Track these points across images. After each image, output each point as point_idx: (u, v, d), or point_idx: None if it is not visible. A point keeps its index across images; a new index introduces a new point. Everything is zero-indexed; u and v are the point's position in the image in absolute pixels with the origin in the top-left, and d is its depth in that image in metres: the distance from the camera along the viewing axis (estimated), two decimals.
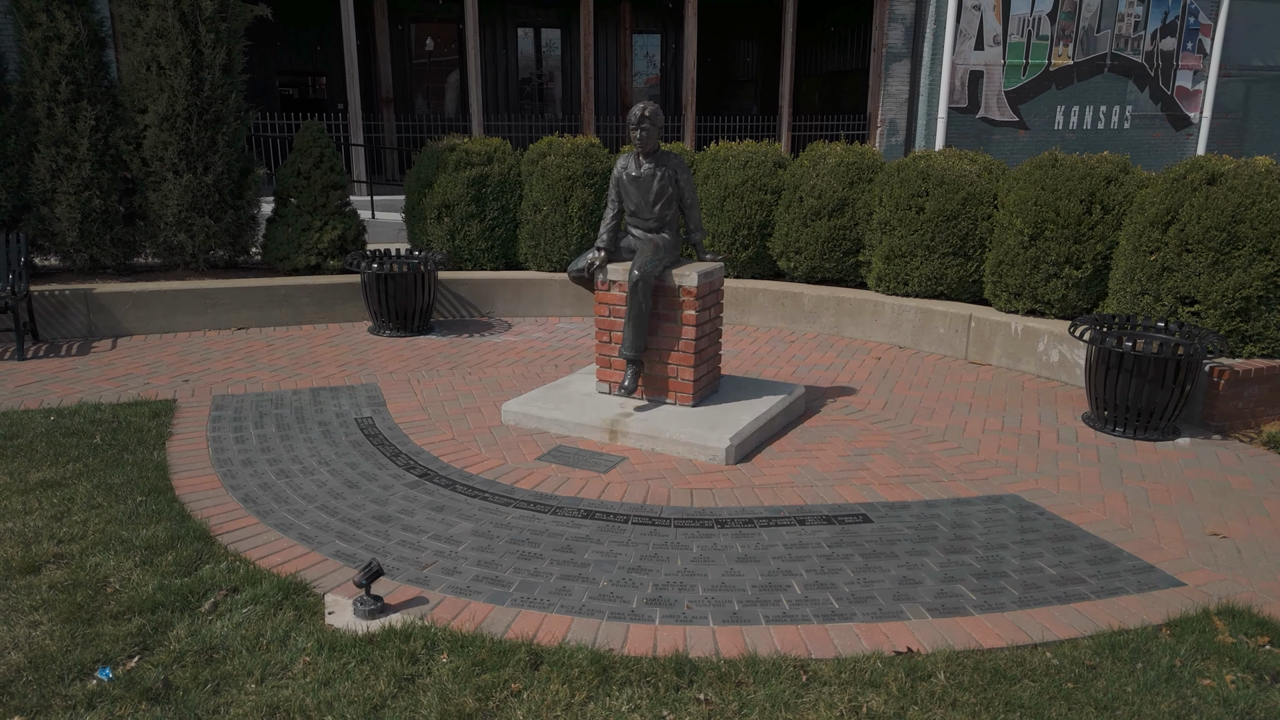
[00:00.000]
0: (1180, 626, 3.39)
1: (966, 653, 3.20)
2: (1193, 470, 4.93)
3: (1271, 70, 19.28)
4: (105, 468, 4.57)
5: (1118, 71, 17.98)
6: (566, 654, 3.11)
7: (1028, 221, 6.61)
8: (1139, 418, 5.45)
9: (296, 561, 3.73)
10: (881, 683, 3.00)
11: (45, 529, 3.92)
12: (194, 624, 3.26)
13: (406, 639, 3.17)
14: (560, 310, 8.22)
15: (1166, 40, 18.32)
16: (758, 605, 3.47)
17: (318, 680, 2.96)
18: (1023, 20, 17.09)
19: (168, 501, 4.21)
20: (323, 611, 3.38)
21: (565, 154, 8.17)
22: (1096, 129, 18.05)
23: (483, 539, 3.95)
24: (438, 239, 8.22)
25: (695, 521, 4.15)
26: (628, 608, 3.44)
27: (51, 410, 5.39)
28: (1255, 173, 5.77)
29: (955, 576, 3.72)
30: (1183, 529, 4.22)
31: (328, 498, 4.33)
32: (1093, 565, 3.85)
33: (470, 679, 2.98)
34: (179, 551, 3.75)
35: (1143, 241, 6.05)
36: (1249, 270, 5.62)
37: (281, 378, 6.19)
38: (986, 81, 17.09)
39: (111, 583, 3.52)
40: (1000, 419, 5.68)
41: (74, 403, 5.56)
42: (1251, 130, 19.30)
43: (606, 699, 2.90)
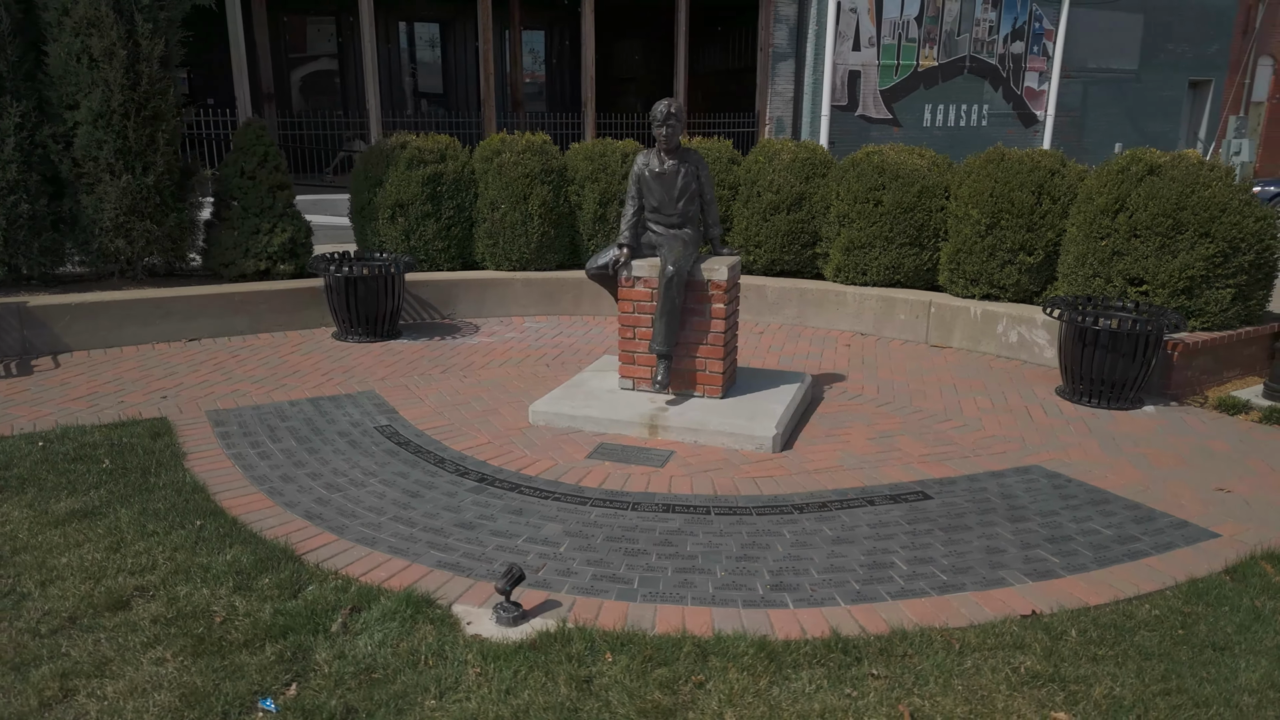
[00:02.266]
0: (1238, 572, 3.78)
1: (1079, 611, 3.47)
2: (1174, 436, 5.44)
3: (1105, 72, 21.12)
4: (136, 493, 4.24)
5: (976, 73, 19.23)
6: (729, 643, 3.17)
7: (985, 212, 7.07)
8: (1111, 389, 5.96)
9: (402, 575, 3.60)
10: (1025, 644, 3.22)
11: (108, 562, 3.62)
12: (335, 645, 3.11)
13: (567, 642, 3.14)
14: (524, 310, 8.13)
15: (1016, 44, 19.74)
16: (875, 583, 3.63)
17: (498, 691, 2.90)
18: (894, 24, 18.02)
19: (229, 524, 3.96)
20: (459, 622, 3.30)
21: (520, 151, 8.08)
22: (959, 126, 19.27)
23: (579, 539, 3.93)
24: (391, 240, 7.97)
25: (773, 509, 4.27)
26: (756, 595, 3.52)
27: (35, 436, 4.92)
28: (1190, 165, 6.40)
29: (1031, 543, 4.00)
30: (1192, 488, 4.67)
31: (396, 509, 4.18)
32: (1138, 524, 4.22)
33: (646, 675, 3.00)
34: (274, 574, 3.55)
35: (1094, 228, 6.60)
36: (1192, 252, 6.24)
37: (269, 389, 5.87)
38: (864, 81, 17.93)
39: (217, 611, 3.30)
40: (987, 398, 6.08)
41: (50, 426, 5.10)
42: (1089, 126, 21.10)
43: (788, 682, 2.99)
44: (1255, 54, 24.22)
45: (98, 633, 3.16)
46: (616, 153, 8.24)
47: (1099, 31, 20.73)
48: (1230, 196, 6.23)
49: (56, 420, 5.21)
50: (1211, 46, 23.05)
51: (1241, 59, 24.02)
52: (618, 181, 8.17)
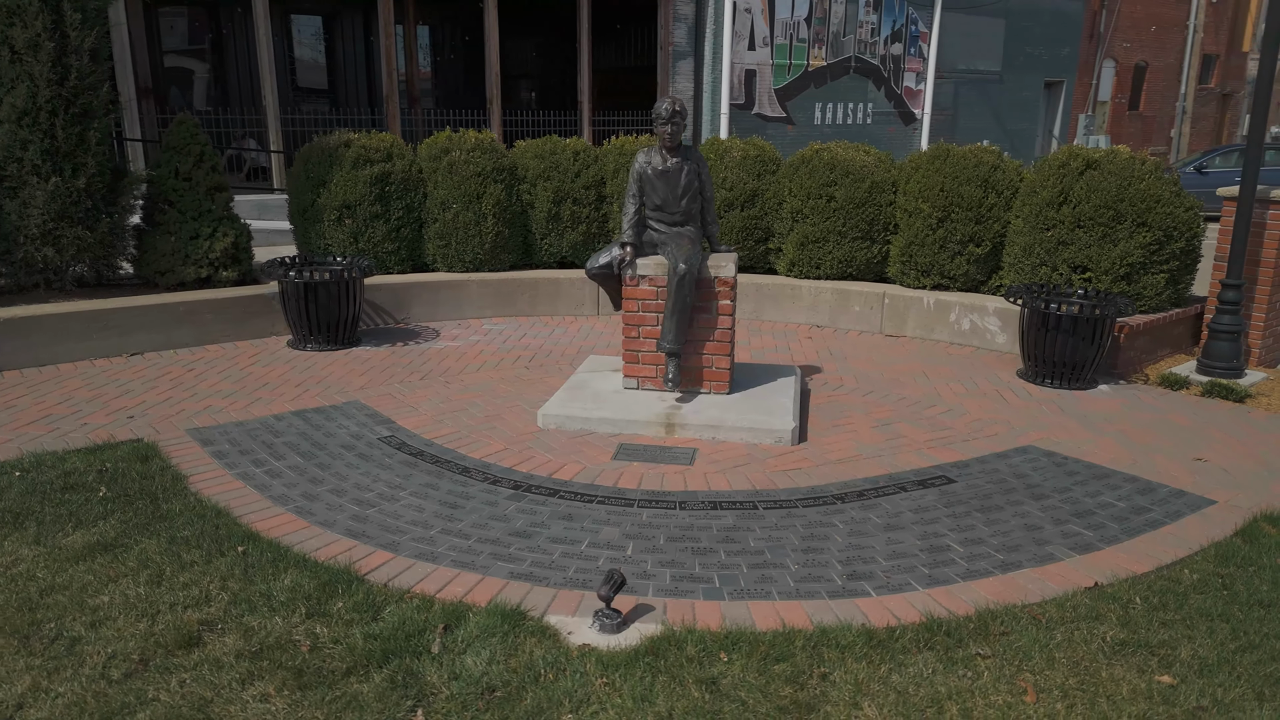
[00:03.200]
0: (1247, 535, 4.11)
1: (1131, 580, 3.69)
2: (1137, 413, 5.85)
3: (973, 73, 22.34)
4: (152, 522, 3.93)
5: (860, 73, 19.99)
6: (835, 634, 3.22)
7: (936, 206, 7.39)
8: (1069, 370, 6.34)
9: (479, 589, 3.49)
10: (1100, 615, 3.41)
11: (155, 596, 3.35)
12: (443, 666, 2.99)
13: (680, 645, 3.12)
14: (480, 312, 7.95)
15: (895, 46, 20.62)
16: (940, 566, 3.76)
17: (633, 700, 2.85)
18: (785, 24, 18.51)
19: (271, 547, 3.73)
20: (559, 633, 3.22)
21: (469, 149, 7.90)
22: (847, 124, 19.99)
23: (642, 541, 3.90)
24: (338, 242, 7.63)
25: (815, 500, 4.35)
26: (837, 585, 3.59)
27: (7, 465, 4.47)
28: (1125, 159, 6.88)
29: (1060, 519, 4.23)
30: (1173, 459, 5.04)
31: (442, 521, 4.03)
32: (1144, 496, 4.52)
33: (768, 672, 3.01)
34: (345, 597, 3.37)
35: (1040, 220, 7.00)
36: (1131, 241, 6.71)
37: (244, 404, 5.54)
38: (759, 80, 18.34)
39: (301, 640, 3.11)
40: (959, 384, 6.36)
41: (16, 454, 4.65)
42: (961, 124, 22.27)
43: (904, 668, 3.06)
44: (1101, 57, 26.15)
45: (179, 673, 2.92)
46: (567, 151, 8.17)
47: (967, 35, 21.91)
48: (1162, 189, 6.73)
49: (19, 447, 4.76)
50: (1063, 50, 24.74)
51: (1089, 61, 25.87)
52: (570, 180, 8.09)
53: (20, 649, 3.03)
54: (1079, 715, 2.84)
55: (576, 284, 8.08)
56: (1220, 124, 32.01)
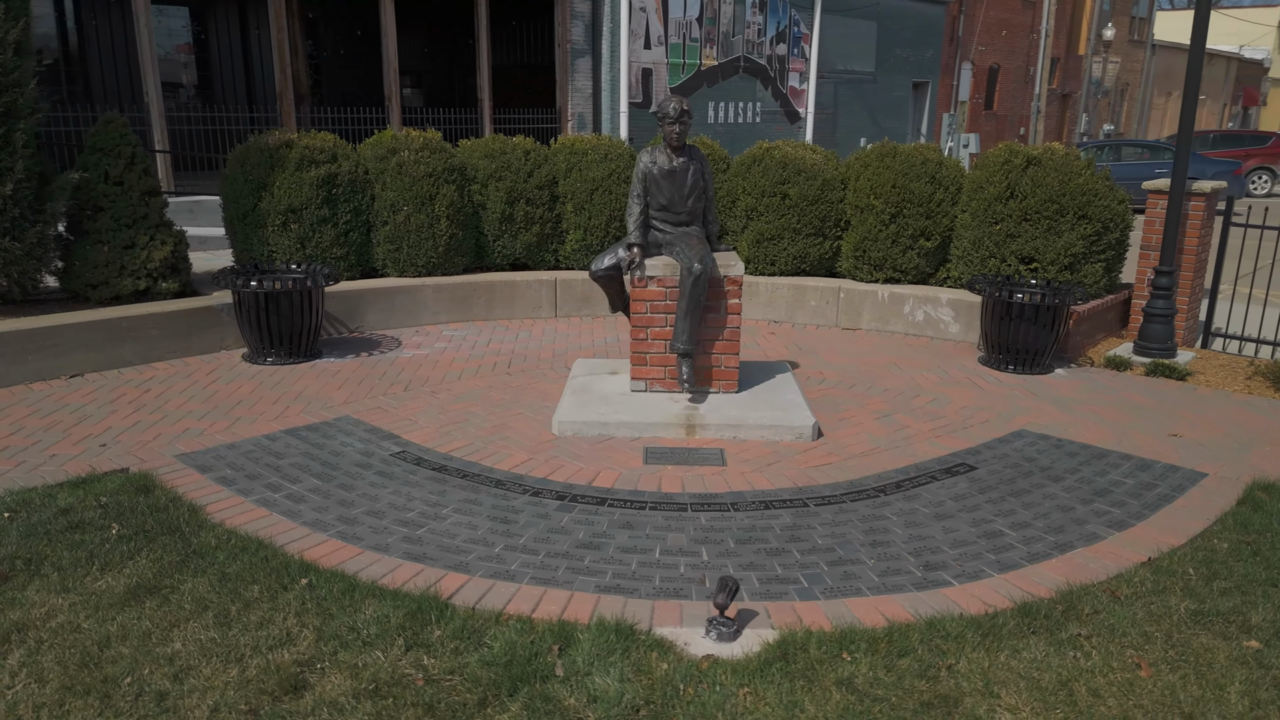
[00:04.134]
0: (1248, 503, 4.44)
1: (1174, 553, 3.93)
2: (1100, 394, 6.22)
3: (849, 74, 23.19)
4: (189, 558, 3.60)
5: (749, 73, 20.42)
6: (942, 625, 3.29)
7: (889, 202, 7.63)
8: (1029, 356, 6.68)
9: (575, 606, 3.37)
10: (1164, 588, 3.61)
11: (232, 640, 3.07)
12: (575, 689, 2.87)
13: (804, 649, 3.11)
14: (436, 318, 7.67)
15: (780, 46, 21.18)
16: (1002, 551, 3.89)
17: (784, 707, 2.83)
18: (679, 24, 18.70)
19: (337, 578, 3.49)
20: (674, 645, 3.16)
21: (418, 149, 7.61)
22: (738, 123, 20.40)
23: (713, 545, 3.87)
24: (283, 249, 7.20)
25: (860, 494, 4.42)
26: (917, 577, 3.66)
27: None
28: (1062, 155, 7.30)
29: (1085, 499, 4.45)
30: (1152, 436, 5.39)
31: (503, 538, 3.88)
32: (1145, 472, 4.82)
33: (896, 668, 3.05)
34: (441, 625, 3.19)
35: (989, 214, 7.35)
36: (1073, 232, 7.13)
37: (225, 425, 5.16)
38: (655, 79, 18.46)
39: (412, 674, 2.93)
40: (932, 373, 6.60)
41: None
42: (841, 123, 23.11)
43: (1020, 654, 3.16)
44: (960, 60, 27.64)
45: None
46: (518, 150, 7.99)
47: (843, 37, 22.73)
48: (1098, 183, 7.18)
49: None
50: (928, 52, 26.02)
51: (950, 64, 27.30)
52: (522, 180, 7.92)
53: (103, 709, 2.72)
54: (1194, 685, 3.00)
55: (533, 286, 7.92)
56: (1062, 122, 34.40)
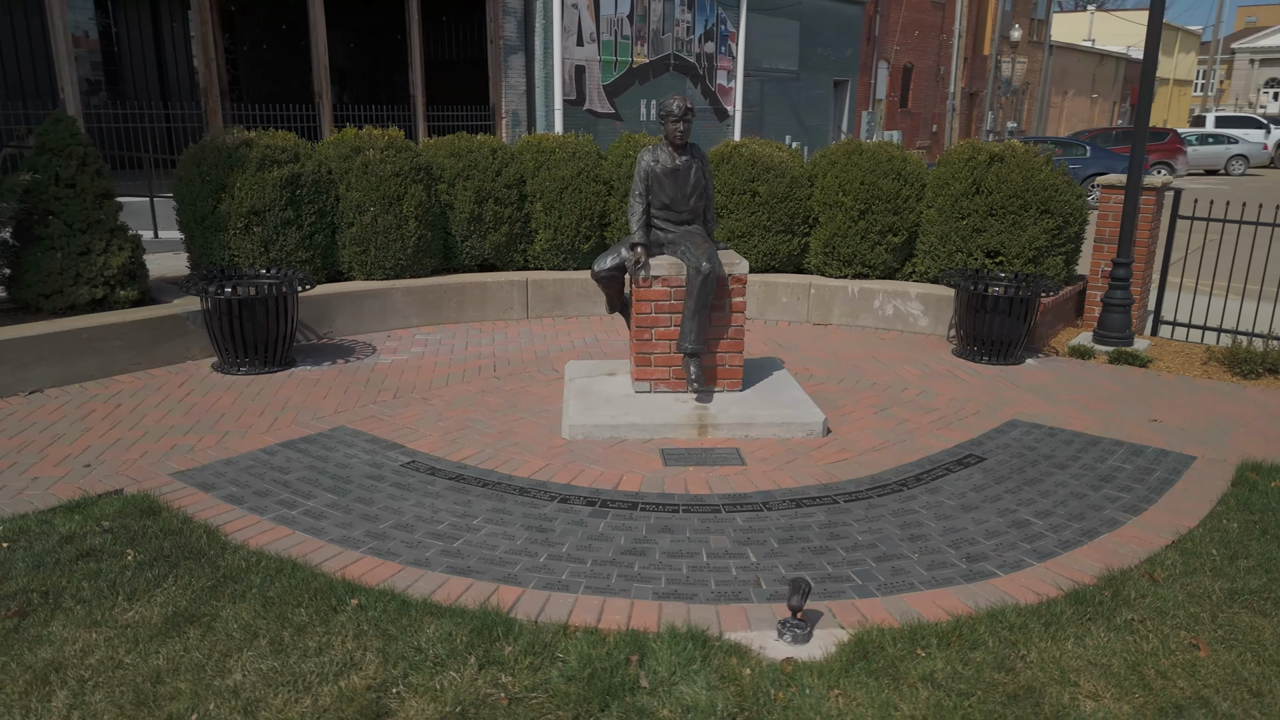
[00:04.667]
0: (1245, 484, 4.64)
1: (1191, 534, 4.08)
2: (1074, 383, 6.43)
3: (774, 72, 23.52)
4: (222, 583, 3.41)
5: (679, 70, 20.50)
6: (1002, 616, 3.34)
7: (858, 199, 7.75)
8: (1003, 348, 6.87)
9: (640, 615, 3.32)
10: (1195, 569, 3.75)
11: (293, 667, 2.91)
12: (668, 699, 2.82)
13: (881, 647, 3.12)
14: (406, 321, 7.45)
15: (708, 45, 21.33)
16: (1035, 540, 3.98)
17: (879, 706, 2.83)
18: (610, 21, 18.65)
19: (388, 597, 3.34)
20: (749, 650, 3.13)
21: (383, 148, 7.38)
22: None
23: (757, 546, 3.85)
24: (245, 253, 6.89)
25: (882, 489, 4.47)
26: (963, 569, 3.72)
27: None
28: (1023, 152, 7.53)
29: (1093, 485, 4.59)
30: (1134, 423, 5.60)
31: (542, 547, 3.78)
32: (1140, 458, 5.00)
33: (972, 661, 3.08)
34: (511, 642, 3.09)
35: (955, 209, 7.53)
36: (1037, 226, 7.36)
37: (216, 439, 4.91)
38: (588, 76, 18.39)
39: (493, 693, 2.83)
40: (912, 366, 6.72)
41: None
42: (767, 120, 23.41)
43: (1084, 640, 3.23)
44: (876, 59, 28.31)
45: None
46: (484, 148, 7.82)
47: (768, 36, 23.03)
48: (1057, 179, 7.43)
49: None
50: (847, 51, 26.57)
51: (868, 63, 27.94)
52: (491, 179, 7.76)
53: None
54: (1252, 662, 3.11)
55: (504, 287, 7.77)
56: (969, 120, 35.56)
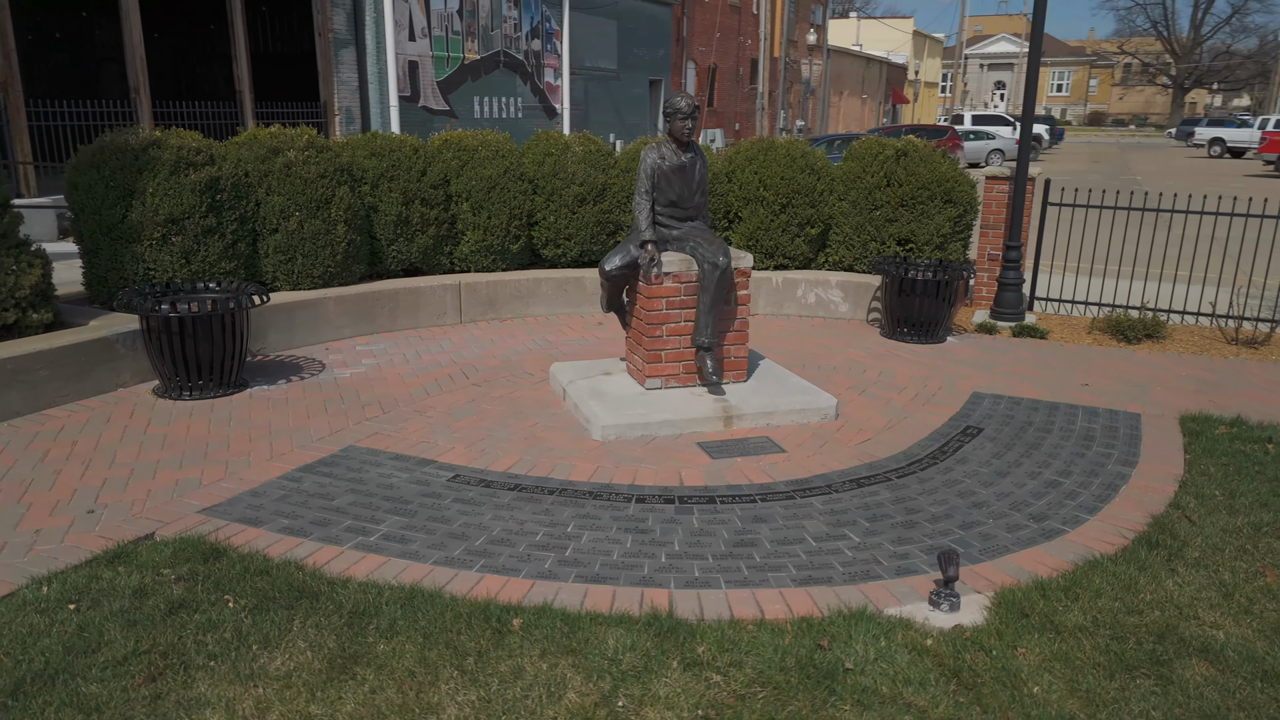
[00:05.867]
0: (1191, 434, 5.31)
1: (1187, 480, 4.63)
2: (997, 356, 7.05)
3: (597, 71, 23.82)
4: (357, 619, 3.15)
5: (509, 68, 20.35)
6: (1103, 567, 3.69)
7: (779, 194, 8.08)
8: (928, 328, 7.43)
9: (796, 602, 3.40)
10: (1213, 509, 4.28)
11: (504, 697, 2.77)
12: (883, 676, 2.92)
13: (1032, 605, 3.37)
14: (339, 332, 7.00)
15: (535, 42, 21.30)
16: (1074, 497, 4.39)
17: (1058, 657, 3.07)
18: (440, 16, 18.23)
19: (543, 614, 3.22)
20: (916, 620, 3.29)
21: (303, 148, 6.90)
22: (502, 117, 20.28)
23: (852, 526, 4.02)
24: (163, 266, 6.23)
25: (920, 463, 4.76)
26: (1034, 529, 4.05)
27: (35, 602, 3.20)
28: (922, 148, 8.15)
29: (1084, 445, 5.10)
30: (1072, 388, 6.23)
31: (654, 547, 3.76)
32: (1099, 418, 5.59)
33: (1105, 607, 3.40)
34: (699, 642, 3.08)
35: (869, 201, 8.04)
36: (942, 215, 8.00)
37: (219, 472, 4.47)
38: (422, 72, 17.90)
39: (720, 695, 2.82)
40: (858, 350, 7.12)
41: (8, 589, 3.34)
42: (593, 118, 23.66)
43: (1178, 576, 3.63)
44: (685, 59, 29.26)
45: None
46: (406, 147, 7.48)
47: (590, 35, 23.29)
48: (955, 171, 8.11)
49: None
50: (659, 51, 27.31)
51: (679, 63, 28.82)
52: (416, 179, 7.43)
53: None
54: None
55: (437, 291, 7.47)
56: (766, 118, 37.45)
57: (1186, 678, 2.97)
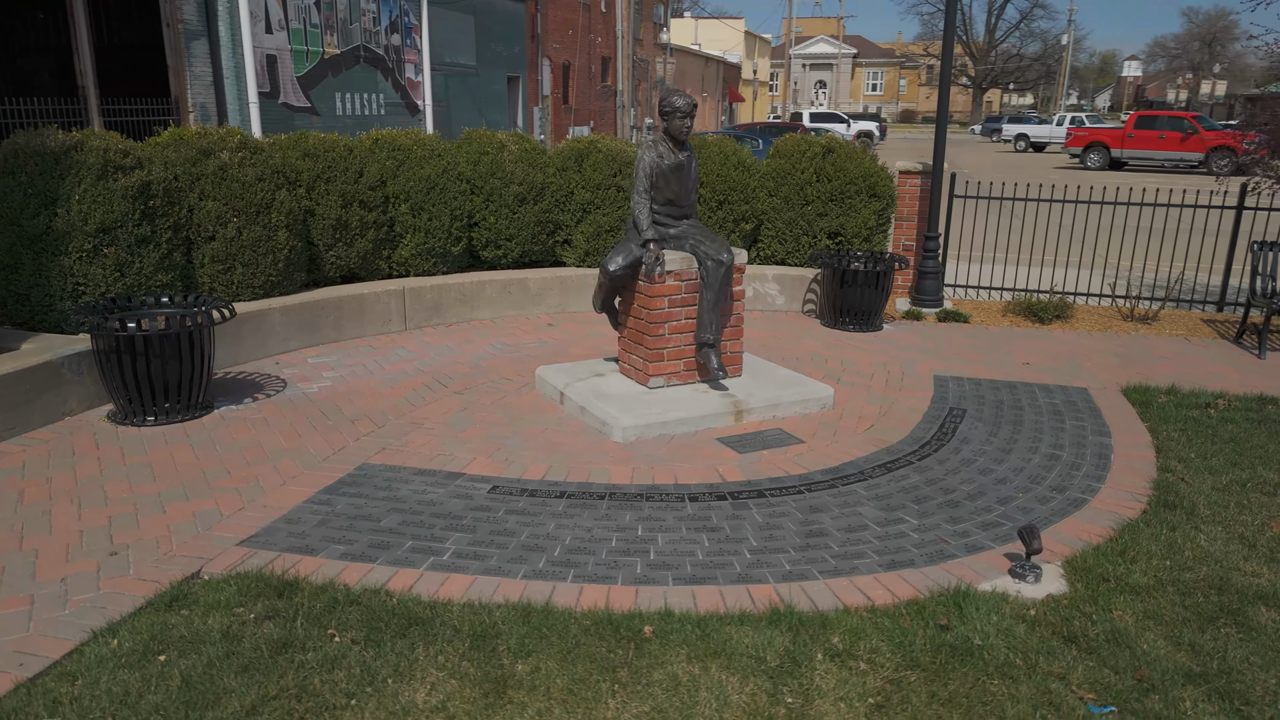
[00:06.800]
0: (1139, 404, 5.82)
1: (1159, 444, 5.06)
2: (935, 341, 7.45)
3: (457, 67, 23.35)
4: (481, 642, 3.01)
5: (370, 63, 19.66)
6: (1135, 528, 4.00)
7: (715, 191, 8.21)
8: (866, 317, 7.77)
9: (894, 587, 3.50)
10: (1198, 470, 4.71)
11: (675, 705, 2.73)
12: (1015, 648, 3.07)
13: (1101, 568, 3.61)
14: (285, 345, 6.56)
15: (395, 36, 20.65)
16: (1078, 468, 4.72)
17: (1147, 614, 3.31)
18: (298, 8, 17.40)
19: (667, 619, 3.18)
20: (1010, 594, 3.46)
21: (236, 149, 6.44)
22: (365, 115, 19.56)
23: (903, 510, 4.17)
24: (95, 281, 5.66)
25: (930, 446, 4.98)
26: (1060, 500, 4.34)
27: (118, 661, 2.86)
28: (847, 145, 8.49)
29: (1058, 420, 5.48)
30: (1016, 366, 6.68)
31: (734, 544, 3.79)
32: (1053, 393, 6.02)
33: (1158, 565, 3.69)
34: (830, 634, 3.13)
35: (800, 196, 8.30)
36: (868, 209, 8.36)
37: (238, 501, 4.13)
38: (281, 67, 17.05)
39: (878, 683, 2.88)
40: (810, 340, 7.35)
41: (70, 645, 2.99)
42: (455, 116, 23.16)
43: (1202, 534, 3.98)
44: (540, 56, 29.08)
45: None
46: (340, 148, 7.11)
47: (447, 30, 22.78)
48: (877, 166, 8.50)
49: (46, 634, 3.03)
50: (515, 47, 27.05)
51: (534, 60, 28.60)
52: (353, 181, 7.08)
53: None
54: None
55: (382, 298, 7.14)
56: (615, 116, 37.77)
57: (1260, 622, 3.28)
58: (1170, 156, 29.90)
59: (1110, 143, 31.21)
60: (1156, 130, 30.31)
